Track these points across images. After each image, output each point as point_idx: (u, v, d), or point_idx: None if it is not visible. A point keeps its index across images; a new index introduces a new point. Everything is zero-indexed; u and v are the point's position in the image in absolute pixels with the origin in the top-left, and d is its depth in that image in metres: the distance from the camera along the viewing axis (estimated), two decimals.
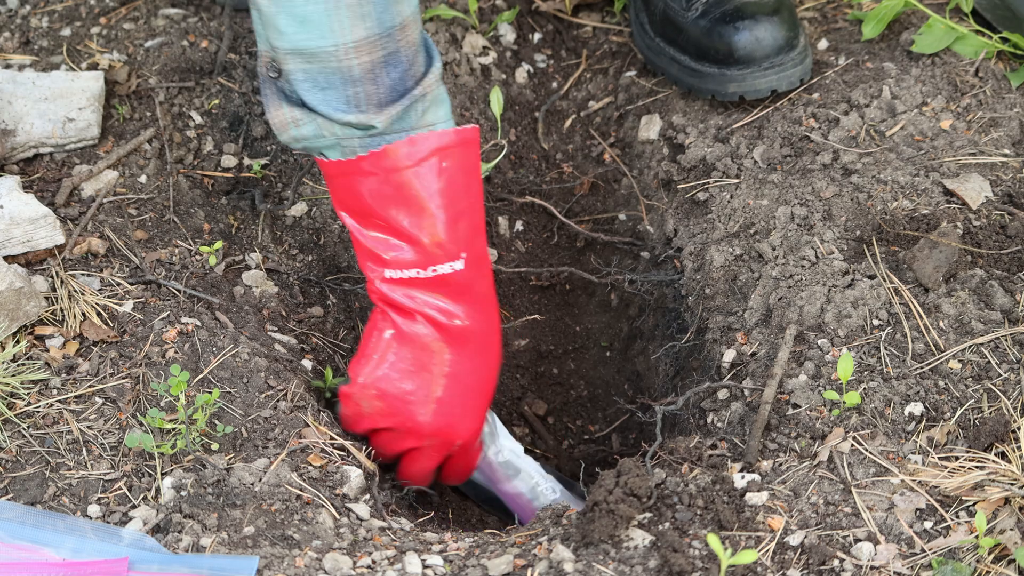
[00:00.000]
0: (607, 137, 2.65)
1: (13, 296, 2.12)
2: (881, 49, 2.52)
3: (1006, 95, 2.43)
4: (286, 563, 1.92)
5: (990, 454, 1.98)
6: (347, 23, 2.02)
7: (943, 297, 2.16)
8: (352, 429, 2.24)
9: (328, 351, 2.38)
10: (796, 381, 2.12)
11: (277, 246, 2.45)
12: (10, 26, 2.62)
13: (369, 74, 2.06)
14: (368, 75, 2.06)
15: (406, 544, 2.03)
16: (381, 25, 2.05)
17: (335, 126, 2.10)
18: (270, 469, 2.05)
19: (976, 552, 1.89)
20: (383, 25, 2.05)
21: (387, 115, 2.08)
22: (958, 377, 2.08)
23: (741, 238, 2.33)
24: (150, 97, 2.52)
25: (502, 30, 2.74)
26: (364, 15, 2.03)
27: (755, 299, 2.26)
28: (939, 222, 2.24)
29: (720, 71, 2.47)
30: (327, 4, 2.01)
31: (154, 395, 2.12)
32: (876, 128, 2.40)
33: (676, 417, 2.31)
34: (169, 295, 2.26)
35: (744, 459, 2.06)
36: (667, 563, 1.88)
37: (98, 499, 2.01)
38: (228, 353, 2.19)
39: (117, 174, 2.40)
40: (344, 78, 2.06)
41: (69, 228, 2.31)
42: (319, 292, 2.44)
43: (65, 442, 2.06)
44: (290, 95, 2.12)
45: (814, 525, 1.95)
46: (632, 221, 2.58)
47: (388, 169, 2.10)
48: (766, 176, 2.39)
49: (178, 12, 2.63)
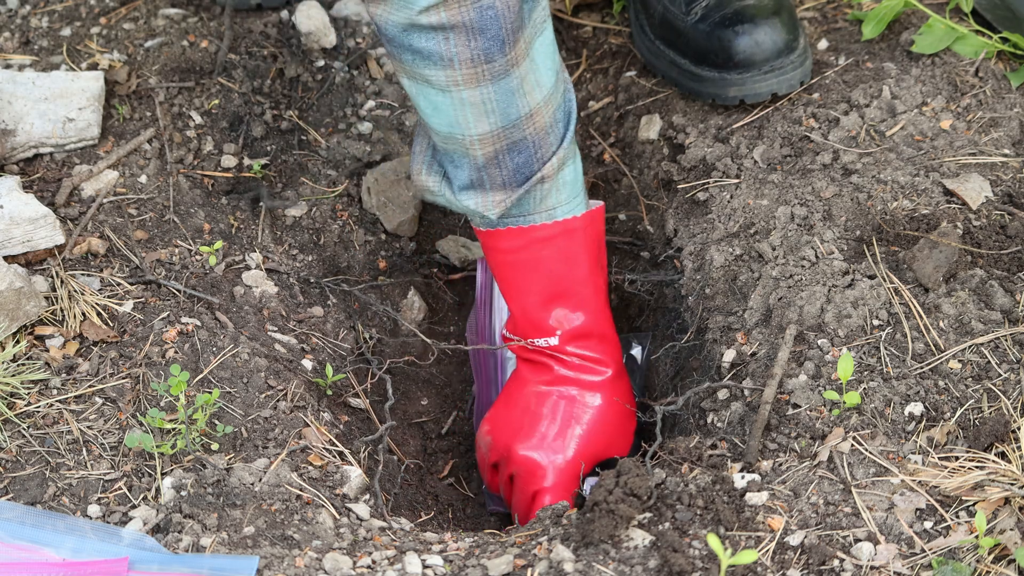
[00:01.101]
0: (607, 137, 2.65)
1: (13, 296, 2.12)
2: (881, 49, 2.52)
3: (1006, 95, 2.43)
4: (286, 563, 1.92)
5: (990, 454, 1.98)
6: (471, 118, 2.11)
7: (943, 297, 2.16)
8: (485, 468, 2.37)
9: (328, 351, 2.38)
10: (796, 381, 2.12)
11: (277, 246, 2.45)
12: (10, 26, 2.62)
13: (493, 161, 2.16)
14: (492, 162, 2.16)
15: (406, 544, 2.03)
16: (506, 119, 2.12)
17: (459, 204, 2.21)
18: (270, 469, 2.05)
19: (976, 552, 1.89)
20: (508, 118, 2.12)
21: (503, 205, 2.19)
22: (958, 377, 2.08)
23: (741, 238, 2.33)
24: (150, 97, 2.52)
25: None
26: (488, 112, 2.11)
27: (755, 299, 2.26)
28: (939, 222, 2.24)
29: (720, 75, 2.46)
30: (452, 99, 2.09)
31: (154, 395, 2.11)
32: (876, 128, 2.40)
33: (676, 417, 2.31)
34: (169, 295, 2.26)
35: (744, 459, 2.06)
36: (667, 563, 1.88)
37: (98, 499, 2.01)
38: (228, 353, 2.19)
39: (117, 174, 2.40)
40: (470, 162, 2.16)
41: (69, 228, 2.31)
42: (319, 292, 2.44)
43: (65, 442, 2.06)
44: (433, 160, 2.23)
45: (814, 525, 1.95)
46: (632, 221, 2.58)
47: (495, 249, 2.25)
48: (766, 176, 2.39)
49: (178, 12, 2.63)
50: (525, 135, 2.14)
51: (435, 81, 2.08)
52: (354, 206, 2.54)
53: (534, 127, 2.14)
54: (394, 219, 2.55)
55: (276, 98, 2.56)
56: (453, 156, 2.17)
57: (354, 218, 2.52)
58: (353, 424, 2.31)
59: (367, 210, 2.55)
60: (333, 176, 2.53)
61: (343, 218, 2.51)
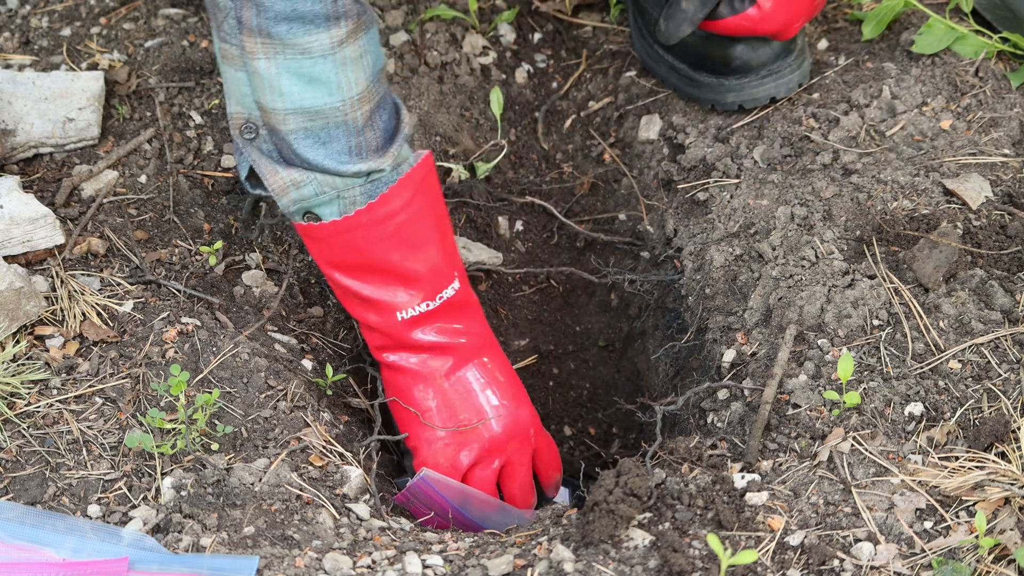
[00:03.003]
0: (607, 137, 2.65)
1: (13, 296, 2.12)
2: (881, 49, 2.52)
3: (1006, 95, 2.43)
4: (286, 563, 1.92)
5: (990, 454, 1.98)
6: (352, 76, 2.06)
7: (943, 297, 2.16)
8: (458, 482, 2.27)
9: (328, 351, 2.38)
10: (796, 381, 2.12)
11: (277, 246, 2.45)
12: (10, 26, 2.62)
13: (368, 122, 2.10)
14: (368, 123, 2.10)
15: (406, 544, 2.03)
16: (374, 70, 2.10)
17: (337, 179, 2.12)
18: (270, 469, 2.05)
19: (976, 552, 1.89)
20: (375, 70, 2.10)
21: (391, 156, 2.13)
22: (958, 377, 2.08)
23: (741, 238, 2.33)
24: (150, 97, 2.52)
25: (502, 30, 2.74)
26: (364, 65, 2.08)
27: (755, 299, 2.26)
28: (939, 222, 2.24)
29: (718, 80, 2.46)
30: (335, 60, 2.04)
31: (154, 395, 2.12)
32: (876, 128, 2.40)
33: (676, 417, 2.31)
34: (169, 295, 2.26)
35: (744, 459, 2.06)
36: (667, 563, 1.88)
37: (98, 499, 2.01)
38: (228, 353, 2.19)
39: (117, 174, 2.41)
40: (348, 130, 2.09)
41: (69, 228, 2.31)
42: (319, 292, 2.44)
43: (65, 442, 2.06)
44: (284, 156, 2.13)
45: (814, 525, 1.95)
46: (632, 221, 2.58)
47: (388, 216, 2.15)
48: (766, 176, 2.39)
49: (178, 12, 2.63)
50: (384, 90, 2.11)
51: (316, 47, 2.03)
52: None
53: (385, 82, 2.12)
54: None
55: None
56: (320, 133, 2.09)
57: None
58: (353, 424, 2.31)
59: None
60: None
61: None
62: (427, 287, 2.20)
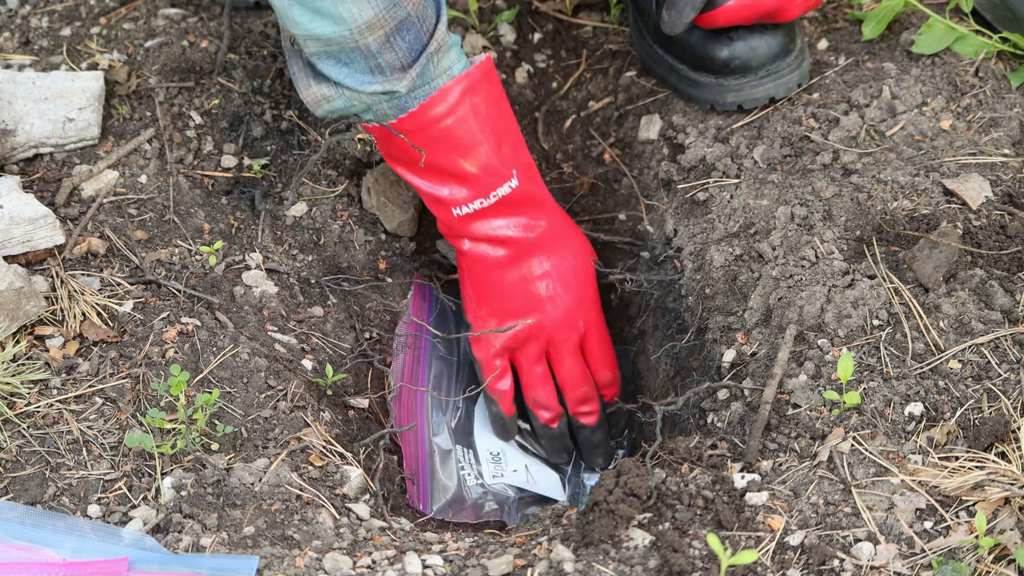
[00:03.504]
0: (607, 137, 2.65)
1: (13, 296, 2.12)
2: (881, 49, 2.52)
3: (1006, 95, 2.43)
4: (286, 563, 1.93)
5: (990, 454, 1.98)
6: (354, 9, 2.13)
7: (943, 297, 2.16)
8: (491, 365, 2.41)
9: (328, 351, 2.38)
10: (796, 381, 2.12)
11: (277, 246, 2.45)
12: (10, 26, 2.62)
13: (386, 44, 2.17)
14: (385, 46, 2.17)
15: (406, 544, 2.03)
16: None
17: (362, 96, 2.22)
18: (270, 469, 2.05)
19: (976, 552, 1.89)
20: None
21: (408, 78, 2.20)
22: (958, 377, 2.08)
23: (741, 238, 2.33)
24: (150, 97, 2.52)
25: (502, 30, 2.74)
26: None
27: (755, 299, 2.26)
28: (939, 222, 2.24)
29: (717, 81, 2.46)
30: None
31: (154, 395, 2.12)
32: (876, 128, 2.40)
33: (676, 417, 2.31)
34: (169, 295, 2.26)
35: (744, 459, 2.06)
36: (667, 563, 1.88)
37: (98, 499, 2.01)
38: (228, 353, 2.19)
39: (117, 174, 2.41)
40: (364, 54, 2.17)
41: (69, 228, 2.31)
42: (319, 292, 2.44)
43: (65, 442, 2.06)
44: (317, 71, 2.24)
45: (814, 525, 1.95)
46: (632, 221, 2.58)
47: (426, 124, 2.23)
48: (766, 176, 2.39)
49: (178, 12, 2.63)
50: (408, 12, 2.16)
51: None
52: (354, 206, 2.54)
53: (413, 2, 2.16)
54: (394, 219, 2.55)
55: (276, 98, 2.56)
56: (341, 56, 2.19)
57: (354, 218, 2.52)
58: (353, 424, 2.31)
59: (367, 210, 2.55)
60: (333, 176, 2.53)
61: (343, 218, 2.51)
62: (478, 186, 2.28)
